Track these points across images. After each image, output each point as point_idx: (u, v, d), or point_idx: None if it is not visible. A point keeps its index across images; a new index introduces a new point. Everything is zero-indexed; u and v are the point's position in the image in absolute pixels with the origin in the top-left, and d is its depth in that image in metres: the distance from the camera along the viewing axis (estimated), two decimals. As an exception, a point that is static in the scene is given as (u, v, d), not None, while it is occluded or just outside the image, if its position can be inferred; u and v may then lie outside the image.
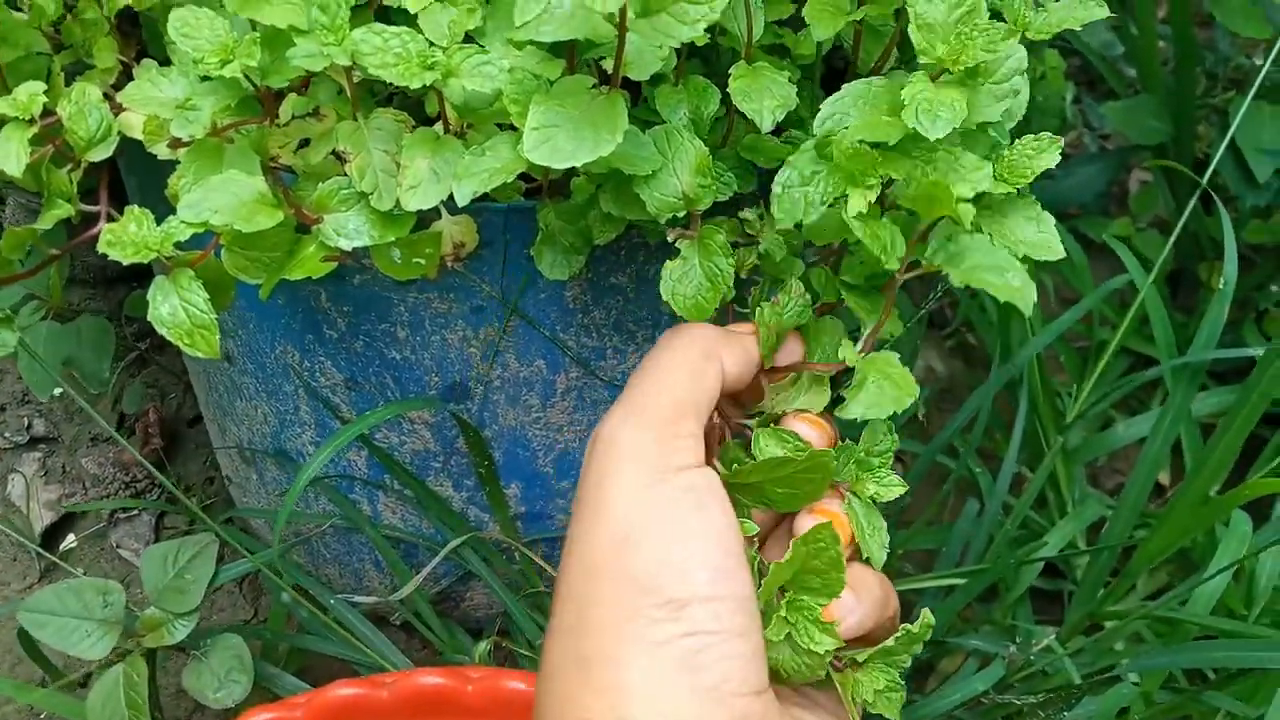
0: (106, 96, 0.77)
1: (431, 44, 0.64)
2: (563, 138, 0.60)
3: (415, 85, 0.61)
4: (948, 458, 1.16)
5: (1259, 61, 1.30)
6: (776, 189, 0.66)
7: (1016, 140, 0.66)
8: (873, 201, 0.63)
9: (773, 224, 0.68)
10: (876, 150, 0.63)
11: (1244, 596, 0.94)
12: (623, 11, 0.57)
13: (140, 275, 1.31)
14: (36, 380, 1.05)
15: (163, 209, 0.65)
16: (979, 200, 0.64)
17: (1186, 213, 1.13)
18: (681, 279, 0.67)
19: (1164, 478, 1.33)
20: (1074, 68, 1.98)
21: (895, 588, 0.65)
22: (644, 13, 0.58)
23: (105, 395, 1.28)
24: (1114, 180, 1.47)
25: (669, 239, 0.66)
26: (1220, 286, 0.89)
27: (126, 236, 0.62)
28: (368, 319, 0.82)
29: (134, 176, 0.85)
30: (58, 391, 1.22)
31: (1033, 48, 0.97)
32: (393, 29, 0.63)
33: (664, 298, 0.67)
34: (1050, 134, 0.66)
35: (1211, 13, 1.16)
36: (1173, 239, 1.05)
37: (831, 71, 0.84)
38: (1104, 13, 0.72)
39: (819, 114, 0.66)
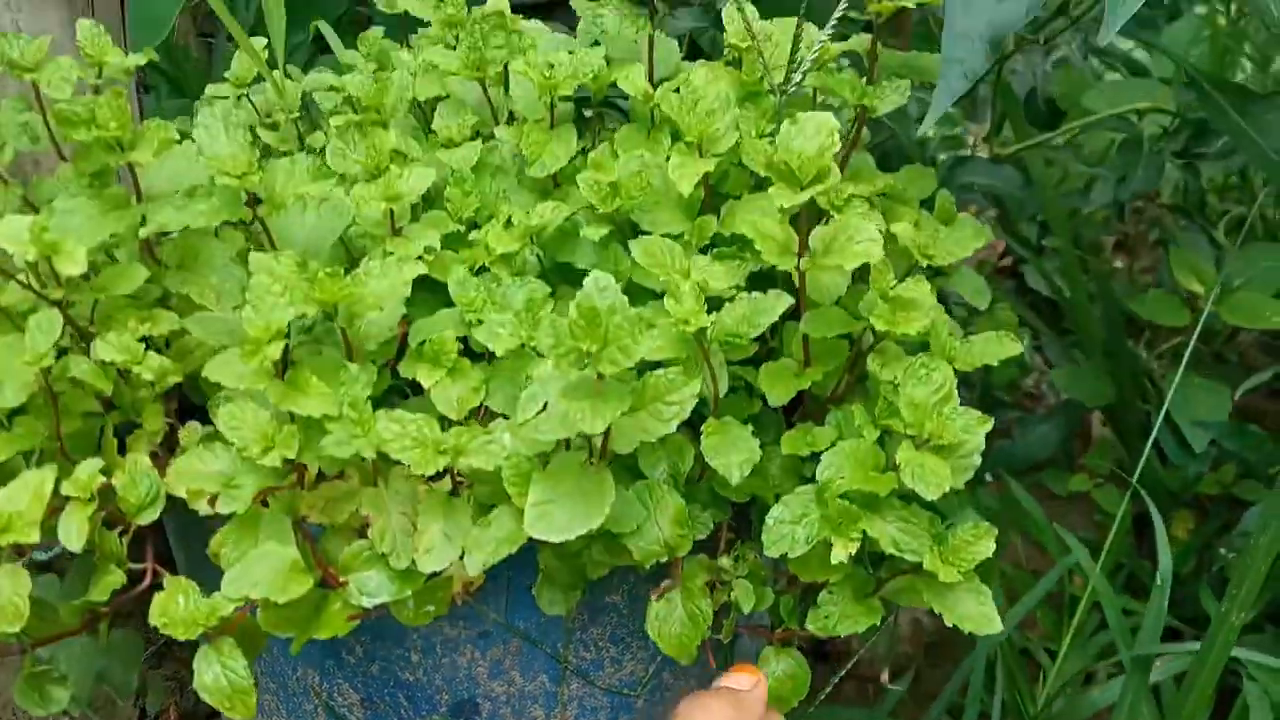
0: (154, 455, 0.87)
1: (444, 420, 0.74)
2: (558, 512, 0.69)
3: (431, 470, 0.70)
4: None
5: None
6: (769, 522, 0.75)
7: (954, 528, 0.75)
8: (853, 552, 0.73)
9: (745, 567, 0.77)
10: (863, 507, 0.73)
11: None
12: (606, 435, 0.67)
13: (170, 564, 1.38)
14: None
15: (200, 548, 0.73)
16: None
17: (1138, 470, 1.23)
18: (666, 619, 0.76)
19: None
20: (1034, 302, 2.12)
21: None
22: (626, 412, 0.68)
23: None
24: (1069, 436, 1.57)
25: (653, 598, 0.75)
26: (1159, 582, 0.98)
27: (175, 613, 0.70)
28: (383, 645, 0.90)
29: (175, 525, 0.93)
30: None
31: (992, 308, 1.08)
32: (410, 416, 0.73)
33: (651, 636, 0.75)
34: (988, 525, 0.76)
35: (1133, 311, 1.29)
36: (1128, 494, 1.14)
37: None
38: (1018, 349, 0.84)
39: (820, 464, 0.76)
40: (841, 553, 0.72)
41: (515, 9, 1.11)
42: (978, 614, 0.74)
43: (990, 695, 1.13)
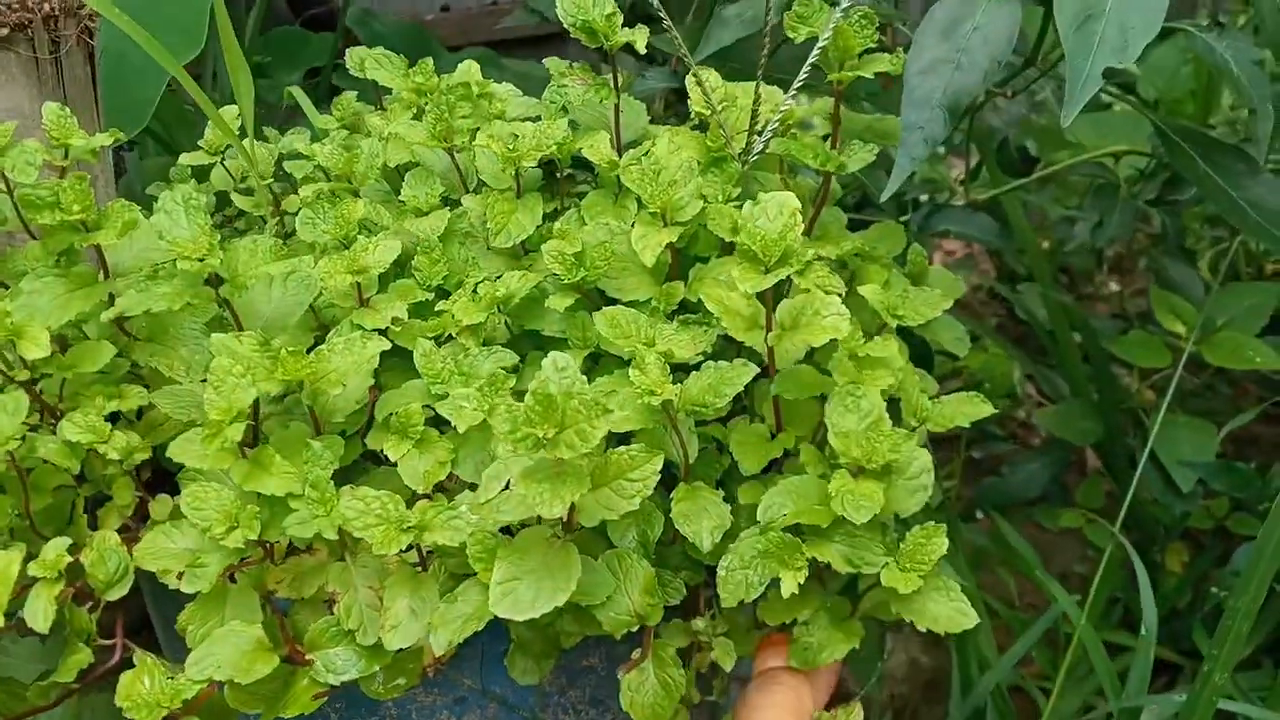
0: (125, 528, 0.87)
1: (412, 493, 0.74)
2: (524, 590, 0.69)
3: (394, 549, 0.70)
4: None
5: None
6: (721, 572, 0.75)
7: (908, 532, 0.75)
8: (802, 582, 0.73)
9: (723, 624, 0.77)
10: (805, 536, 0.73)
11: None
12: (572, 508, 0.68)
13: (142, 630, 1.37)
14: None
15: (176, 616, 0.74)
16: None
17: (1122, 511, 1.22)
18: (639, 689, 0.75)
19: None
20: (1025, 332, 2.12)
21: None
22: (589, 490, 0.68)
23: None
24: (1059, 473, 1.57)
25: (619, 675, 0.75)
26: (1143, 632, 0.97)
27: (140, 695, 0.70)
28: (357, 713, 0.89)
29: (151, 591, 0.93)
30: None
31: (976, 340, 1.08)
32: (374, 493, 0.73)
33: (624, 707, 0.75)
34: (935, 523, 0.76)
35: (1115, 352, 1.29)
36: (1120, 522, 1.14)
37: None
38: (988, 409, 0.84)
39: (761, 504, 0.76)
40: (791, 584, 0.72)
41: (511, 44, 1.12)
42: (949, 613, 0.74)
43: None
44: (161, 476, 0.93)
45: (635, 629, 0.76)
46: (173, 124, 1.87)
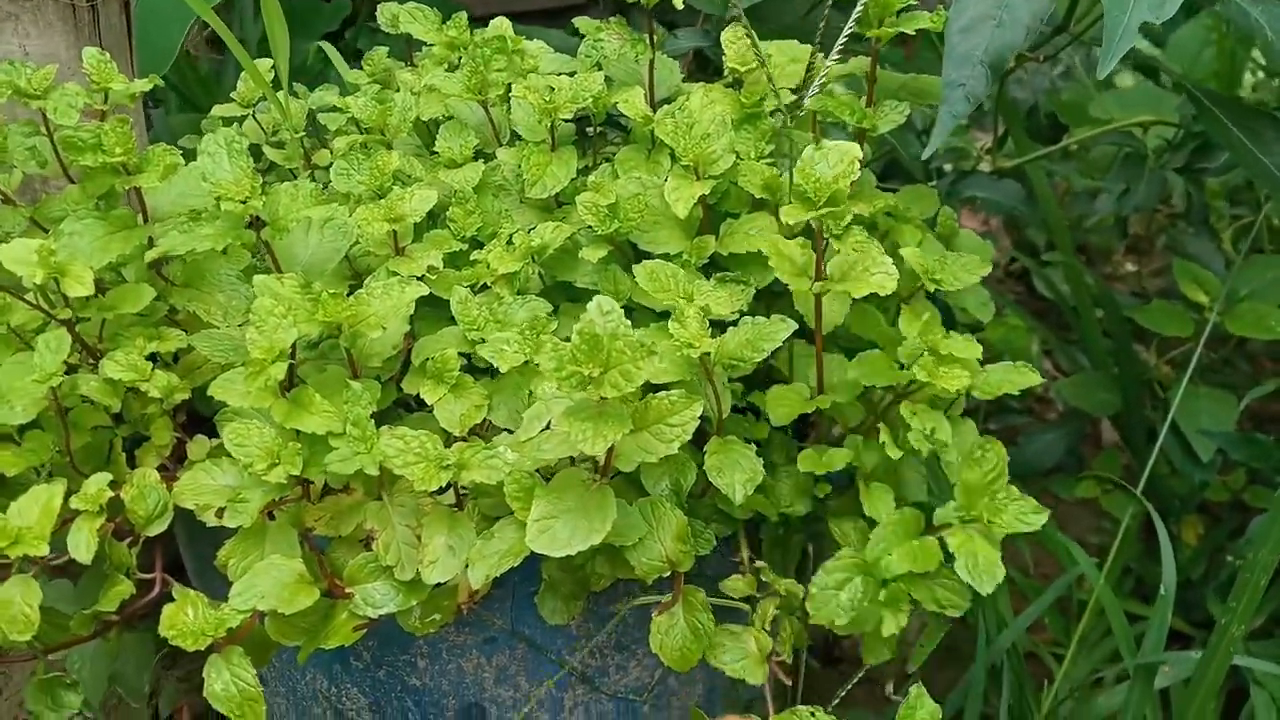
0: (163, 467, 0.89)
1: (447, 435, 0.76)
2: (560, 527, 0.71)
3: (434, 485, 0.72)
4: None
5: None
6: (813, 589, 0.76)
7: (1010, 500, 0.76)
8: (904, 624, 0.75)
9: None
10: (908, 581, 0.75)
11: None
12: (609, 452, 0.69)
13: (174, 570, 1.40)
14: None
15: (210, 553, 0.76)
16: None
17: (1143, 479, 1.23)
18: (669, 632, 0.77)
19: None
20: (1042, 308, 2.12)
21: None
22: (629, 432, 0.69)
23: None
24: (1076, 444, 1.57)
25: (654, 616, 0.76)
26: (1163, 592, 0.98)
27: (184, 624, 0.71)
28: (390, 651, 0.91)
29: (184, 530, 0.95)
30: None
31: (996, 311, 1.09)
32: (413, 432, 0.74)
33: (653, 649, 0.76)
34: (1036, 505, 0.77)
35: (1137, 321, 1.30)
36: (1134, 503, 1.14)
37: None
38: (1035, 378, 0.84)
39: (870, 543, 0.76)
40: (893, 626, 0.73)
41: (529, 16, 1.12)
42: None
43: (997, 699, 1.13)
44: (195, 420, 0.94)
45: (666, 574, 0.77)
46: (193, 82, 1.88)
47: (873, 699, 1.51)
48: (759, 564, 0.85)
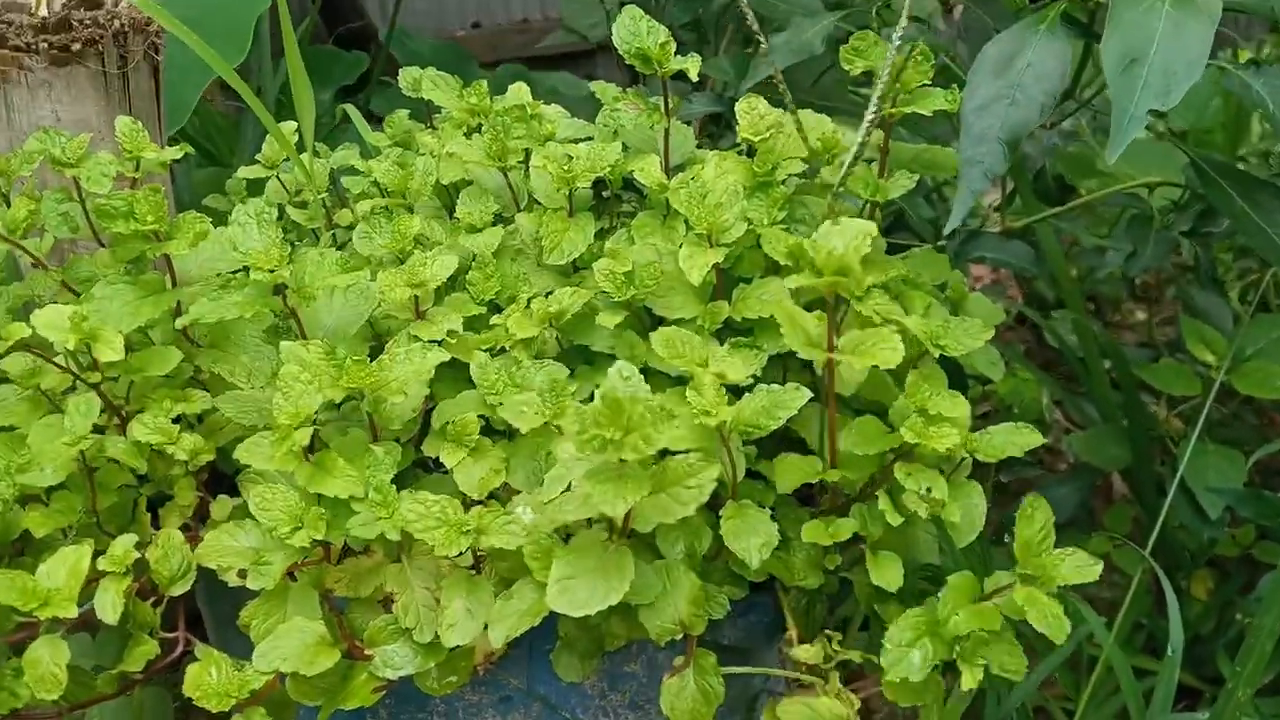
0: (186, 526, 0.91)
1: (465, 499, 0.77)
2: (580, 588, 0.72)
3: (454, 551, 0.73)
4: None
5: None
6: (887, 645, 0.78)
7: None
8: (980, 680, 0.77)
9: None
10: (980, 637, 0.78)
11: None
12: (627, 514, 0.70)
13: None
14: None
15: (229, 610, 0.77)
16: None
17: (1153, 537, 1.24)
18: (679, 694, 0.78)
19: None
20: (1052, 358, 2.13)
21: None
22: (647, 494, 0.71)
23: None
24: (1087, 498, 1.58)
25: (664, 679, 0.77)
26: (1170, 653, 0.99)
27: (209, 685, 0.73)
28: (406, 710, 0.92)
29: (204, 587, 0.97)
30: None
31: (1005, 365, 1.11)
32: (434, 497, 0.76)
33: (664, 710, 0.78)
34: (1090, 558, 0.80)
35: (1145, 380, 1.31)
36: (1149, 548, 1.15)
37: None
38: (1038, 439, 0.86)
39: (940, 604, 0.79)
40: (971, 681, 0.75)
41: (541, 59, 1.15)
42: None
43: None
44: (217, 478, 0.96)
45: (679, 637, 0.78)
46: (215, 136, 1.92)
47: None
48: (829, 633, 0.87)
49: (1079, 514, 1.62)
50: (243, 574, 0.83)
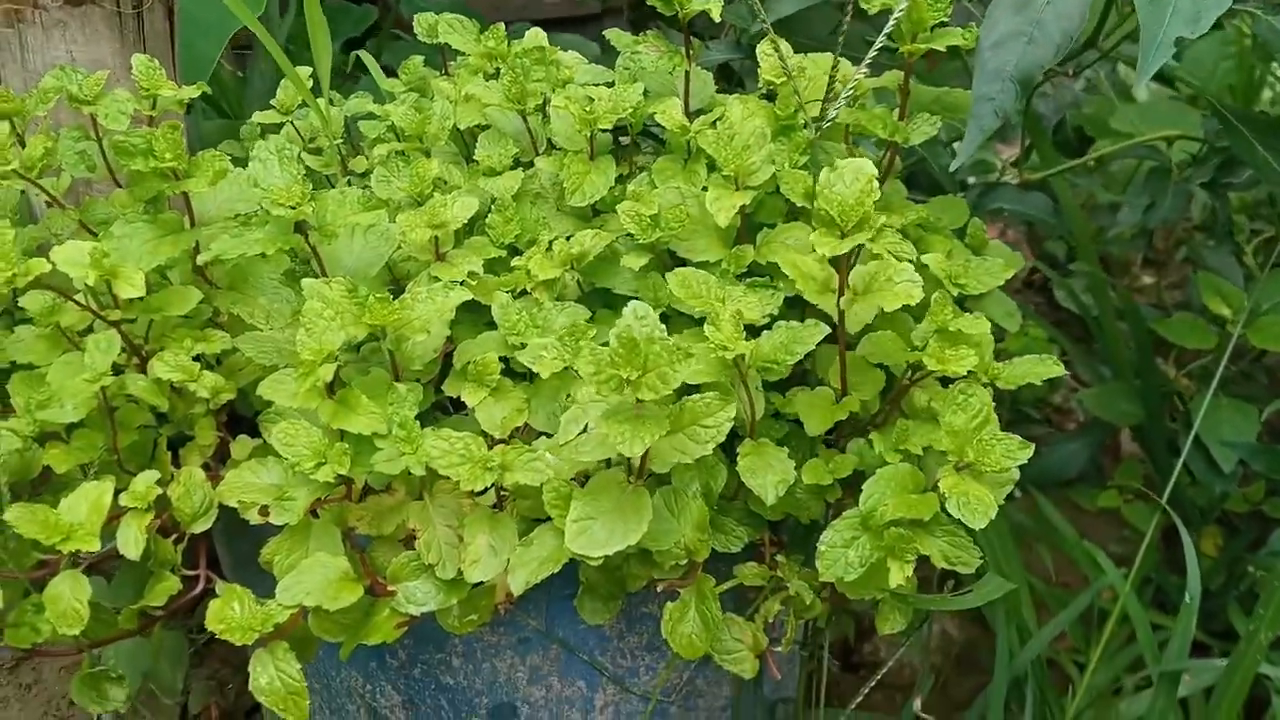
0: (206, 466, 0.91)
1: (488, 437, 0.77)
2: (598, 529, 0.72)
3: (478, 486, 0.73)
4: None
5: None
6: (821, 547, 0.78)
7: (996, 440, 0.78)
8: (909, 574, 0.76)
9: (794, 571, 0.80)
10: (911, 529, 0.76)
11: None
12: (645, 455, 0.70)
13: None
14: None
15: (247, 549, 0.77)
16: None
17: (1168, 489, 1.24)
18: (680, 620, 0.79)
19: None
20: (1061, 319, 2.13)
21: None
22: (664, 434, 0.70)
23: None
24: (1097, 454, 1.58)
25: (666, 603, 0.78)
26: (1188, 600, 1.00)
27: (232, 619, 0.73)
28: (425, 650, 0.93)
29: (221, 527, 0.97)
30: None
31: (1022, 325, 1.11)
32: (457, 434, 0.76)
33: (663, 634, 0.78)
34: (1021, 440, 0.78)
35: (1160, 334, 1.31)
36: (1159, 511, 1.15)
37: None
38: (1060, 370, 0.86)
39: (863, 493, 0.79)
40: (899, 575, 0.74)
41: (548, 23, 1.14)
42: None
43: (1018, 707, 1.15)
44: (235, 420, 0.96)
45: (683, 562, 0.78)
46: (223, 90, 1.90)
47: (892, 705, 1.52)
48: (779, 558, 0.86)
49: (1088, 470, 1.63)
50: (264, 512, 0.83)
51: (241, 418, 0.96)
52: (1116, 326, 1.48)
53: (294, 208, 0.81)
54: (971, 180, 1.51)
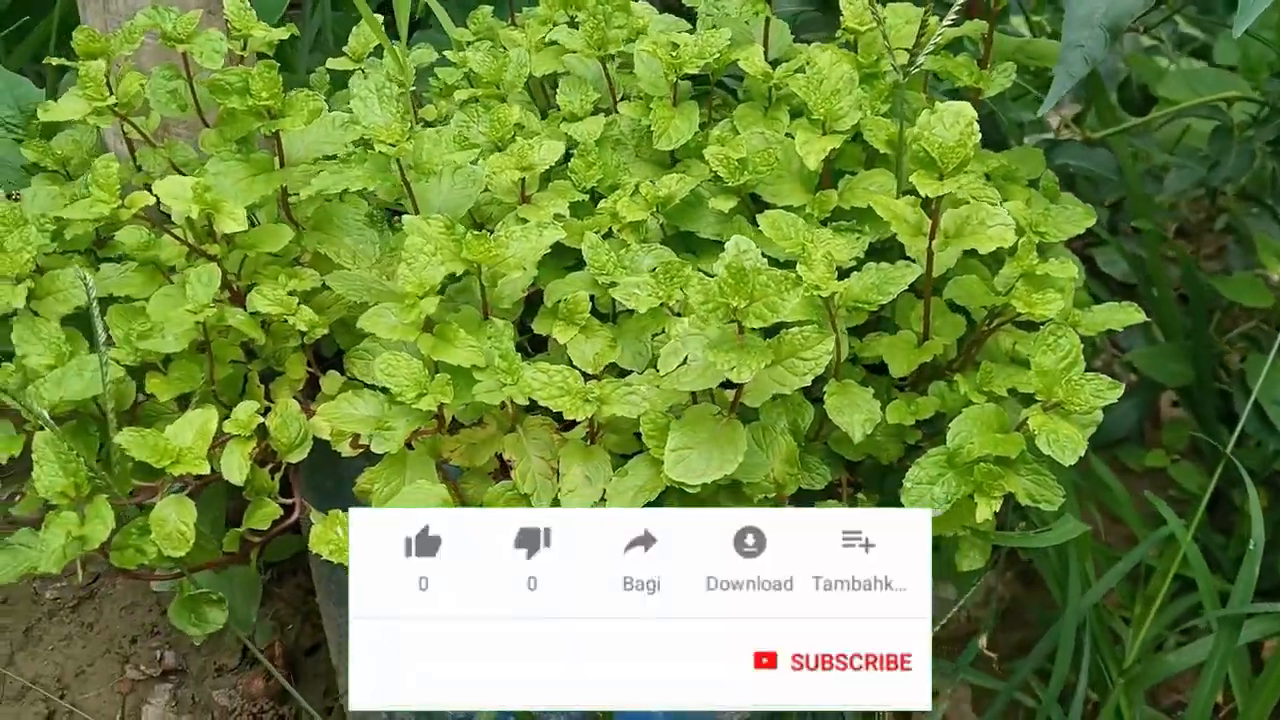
0: (296, 399, 0.93)
1: (583, 374, 0.79)
2: (695, 458, 0.74)
3: (579, 416, 0.75)
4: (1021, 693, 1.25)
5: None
6: (906, 484, 0.79)
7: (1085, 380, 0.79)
8: (997, 510, 0.77)
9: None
10: (999, 466, 0.77)
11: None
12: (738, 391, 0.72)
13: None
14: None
15: (329, 485, 0.80)
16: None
17: (1230, 445, 1.26)
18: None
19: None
20: (1104, 285, 2.14)
21: None
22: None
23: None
24: (1145, 415, 1.60)
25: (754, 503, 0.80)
26: (1251, 547, 1.01)
27: (336, 540, 0.75)
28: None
29: (305, 462, 0.99)
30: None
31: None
32: (555, 367, 0.78)
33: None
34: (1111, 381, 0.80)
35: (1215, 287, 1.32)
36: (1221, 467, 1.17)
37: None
38: (1141, 316, 0.87)
39: (950, 431, 0.80)
40: (986, 510, 0.76)
41: None
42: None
43: (1077, 657, 1.17)
44: (319, 360, 0.98)
45: (772, 495, 0.80)
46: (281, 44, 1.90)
47: (939, 656, 1.55)
48: (859, 495, 0.88)
49: (1134, 431, 1.64)
50: (354, 444, 0.86)
51: (323, 358, 0.98)
52: (1168, 284, 1.50)
53: (394, 145, 0.83)
54: (1026, 139, 1.52)
